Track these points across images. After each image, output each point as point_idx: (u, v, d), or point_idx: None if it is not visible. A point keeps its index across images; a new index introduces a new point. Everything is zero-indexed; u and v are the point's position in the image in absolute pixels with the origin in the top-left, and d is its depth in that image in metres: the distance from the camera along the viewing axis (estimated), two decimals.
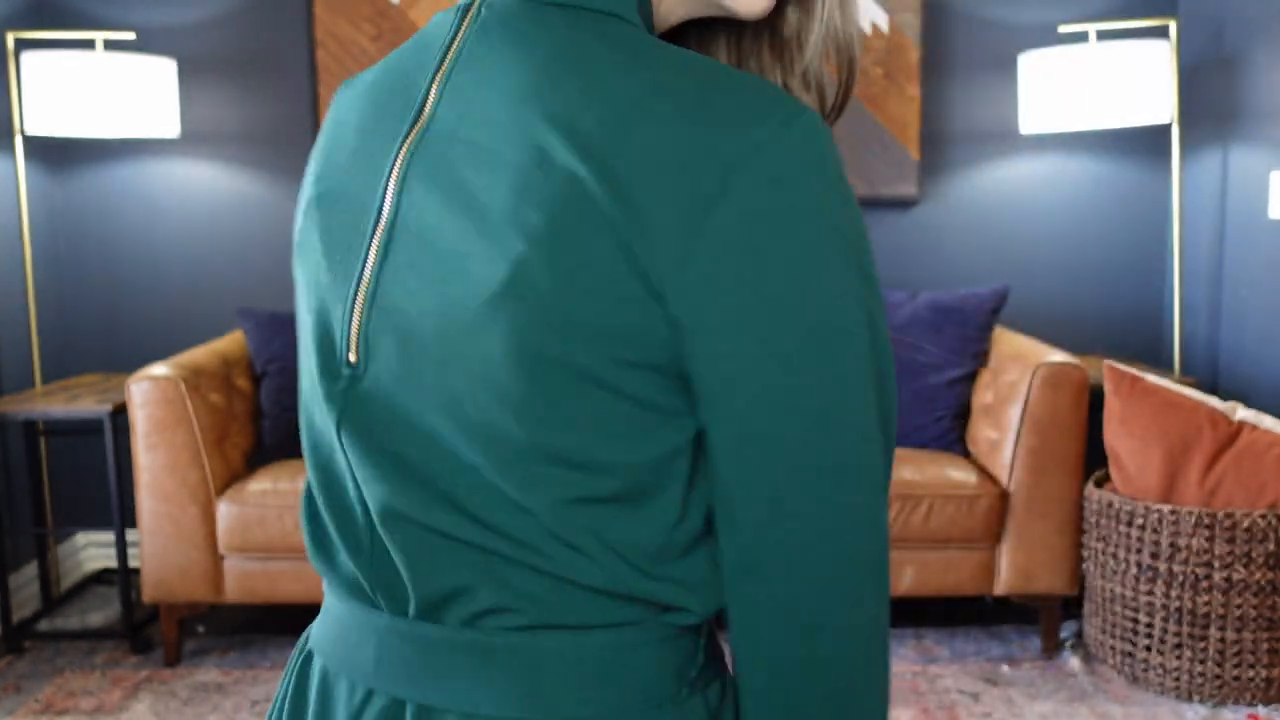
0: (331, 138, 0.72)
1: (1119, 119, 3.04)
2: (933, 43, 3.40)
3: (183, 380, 2.76)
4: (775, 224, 0.58)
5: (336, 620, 0.71)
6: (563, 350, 0.59)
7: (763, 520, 0.61)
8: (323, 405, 0.67)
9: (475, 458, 0.62)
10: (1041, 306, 3.47)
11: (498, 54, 0.64)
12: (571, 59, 0.62)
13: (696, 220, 0.57)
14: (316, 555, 0.72)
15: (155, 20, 3.40)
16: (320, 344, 0.67)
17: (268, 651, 2.93)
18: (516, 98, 0.62)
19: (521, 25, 0.64)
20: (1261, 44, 2.95)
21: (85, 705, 2.64)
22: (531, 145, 0.60)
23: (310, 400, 0.69)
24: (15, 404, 2.92)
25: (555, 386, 0.60)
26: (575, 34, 0.63)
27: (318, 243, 0.69)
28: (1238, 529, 2.44)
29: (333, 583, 0.71)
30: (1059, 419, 2.72)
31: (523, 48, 0.63)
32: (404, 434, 0.64)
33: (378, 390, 0.64)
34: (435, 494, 0.63)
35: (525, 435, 0.60)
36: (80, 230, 3.49)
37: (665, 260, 0.58)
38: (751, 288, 0.58)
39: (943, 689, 2.64)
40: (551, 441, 0.61)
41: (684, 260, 0.57)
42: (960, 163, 3.45)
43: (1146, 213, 3.45)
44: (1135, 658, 2.60)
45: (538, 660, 0.64)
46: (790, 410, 0.59)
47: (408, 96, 0.67)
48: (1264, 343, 2.97)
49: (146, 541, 2.81)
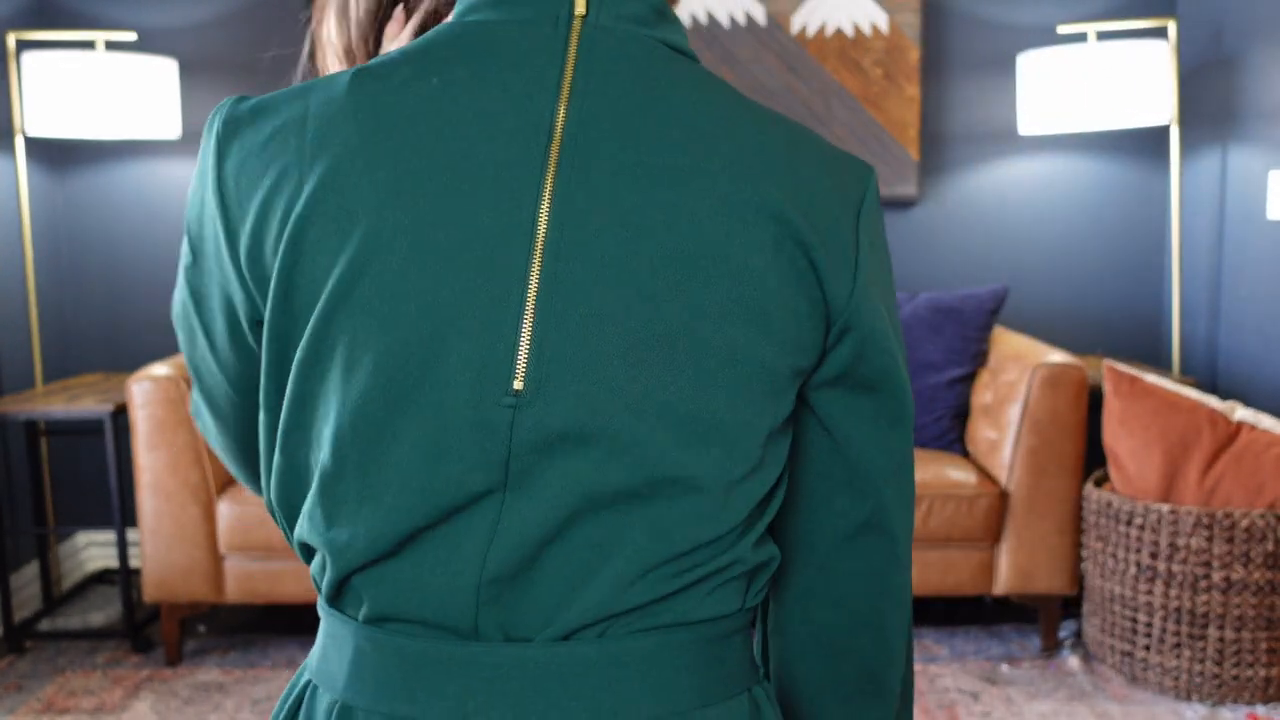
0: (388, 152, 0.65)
1: (1118, 120, 3.04)
2: (932, 43, 3.40)
3: (183, 380, 2.77)
4: (882, 248, 0.73)
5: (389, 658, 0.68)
6: (771, 360, 0.67)
7: (890, 475, 0.74)
8: (447, 438, 0.64)
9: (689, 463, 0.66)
10: (1041, 307, 3.47)
11: (633, 83, 0.68)
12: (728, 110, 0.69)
13: (850, 258, 0.70)
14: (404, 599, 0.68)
15: (156, 21, 3.40)
16: (449, 375, 0.64)
17: (268, 651, 2.94)
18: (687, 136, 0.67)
19: (642, 55, 0.69)
20: (1261, 44, 2.96)
21: (86, 705, 2.64)
22: (743, 199, 0.67)
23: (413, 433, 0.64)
24: (16, 404, 2.93)
25: (756, 389, 0.67)
26: (699, 76, 0.70)
27: (411, 270, 0.64)
28: (1236, 529, 2.44)
29: (405, 623, 0.68)
30: (1058, 419, 2.72)
31: (663, 81, 0.68)
32: (588, 466, 0.64)
33: (551, 417, 0.64)
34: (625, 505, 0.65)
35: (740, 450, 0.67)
36: (81, 231, 3.50)
37: (839, 290, 0.69)
38: (886, 304, 0.72)
39: (942, 688, 2.65)
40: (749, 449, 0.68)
41: (850, 289, 0.69)
42: (959, 163, 3.45)
43: (1145, 213, 3.45)
44: (1134, 657, 2.61)
45: (656, 660, 0.68)
46: (905, 381, 0.73)
47: (520, 112, 0.66)
48: (1263, 343, 2.97)
49: (147, 541, 2.81)
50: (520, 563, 0.65)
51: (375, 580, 0.67)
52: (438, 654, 0.67)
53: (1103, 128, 3.12)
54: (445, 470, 0.64)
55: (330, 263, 0.64)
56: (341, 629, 0.70)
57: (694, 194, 0.65)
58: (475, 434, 0.64)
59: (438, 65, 0.67)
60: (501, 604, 0.66)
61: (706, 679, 0.70)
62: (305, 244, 0.65)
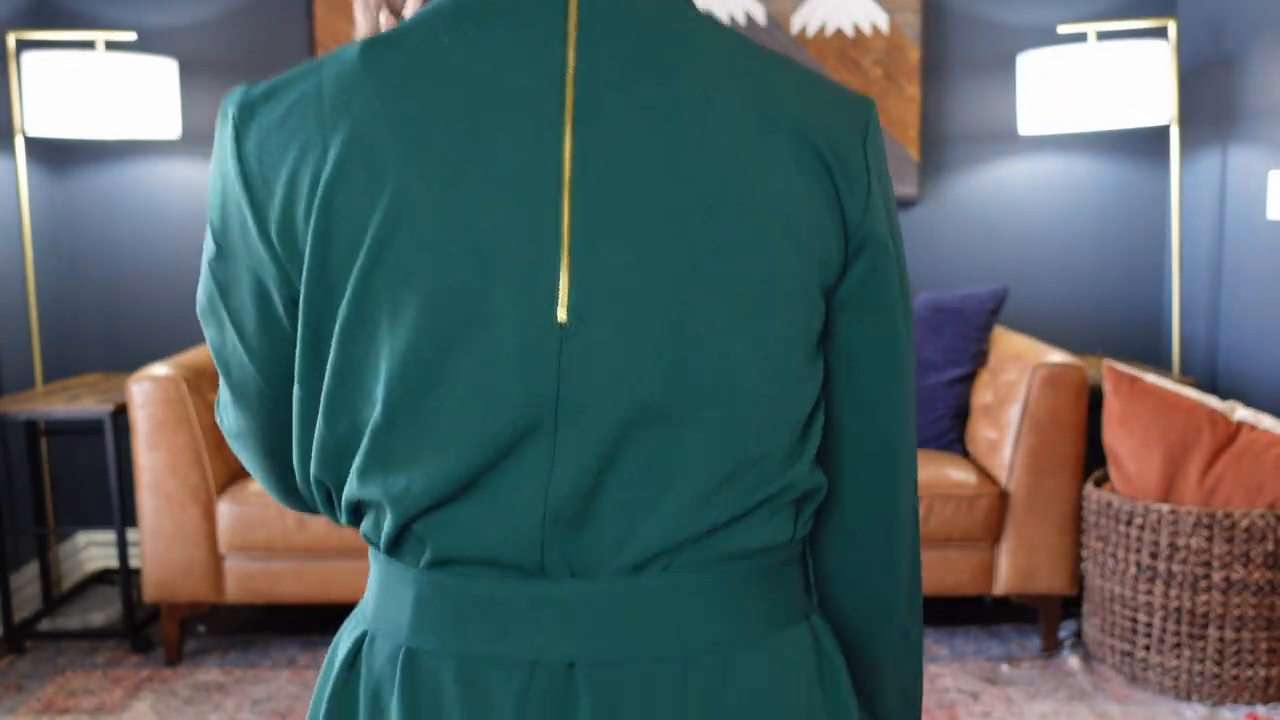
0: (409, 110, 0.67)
1: (1118, 120, 3.04)
2: (932, 43, 3.40)
3: (184, 380, 2.77)
4: (888, 179, 0.76)
5: (454, 600, 0.69)
6: (801, 273, 0.69)
7: (901, 398, 0.76)
8: (500, 373, 0.66)
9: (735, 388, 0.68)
10: (1041, 307, 3.47)
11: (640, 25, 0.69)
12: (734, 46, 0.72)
13: (863, 180, 0.72)
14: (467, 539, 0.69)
15: (156, 21, 3.40)
16: (492, 306, 0.65)
17: (269, 651, 2.94)
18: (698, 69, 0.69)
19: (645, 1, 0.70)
20: (1261, 44, 2.95)
21: (86, 705, 2.64)
22: (760, 120, 0.69)
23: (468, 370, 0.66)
24: (16, 404, 2.93)
25: (791, 303, 0.69)
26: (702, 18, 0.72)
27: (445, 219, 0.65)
28: (1236, 529, 2.44)
29: (469, 565, 0.69)
30: (1058, 419, 2.72)
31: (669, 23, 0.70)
32: (636, 381, 0.66)
33: (596, 345, 0.66)
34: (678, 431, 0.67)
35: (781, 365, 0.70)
36: (81, 231, 3.50)
37: (854, 209, 0.72)
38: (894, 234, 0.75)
39: (942, 688, 2.65)
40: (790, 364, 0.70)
41: (864, 210, 0.72)
42: (959, 163, 3.45)
43: (1145, 213, 3.45)
44: (1134, 657, 2.61)
45: (720, 591, 0.70)
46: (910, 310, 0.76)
47: (532, 61, 0.67)
48: (1263, 343, 2.97)
49: (147, 541, 2.81)
50: (582, 494, 0.67)
51: (437, 525, 0.68)
52: (504, 593, 0.68)
53: (1103, 128, 3.12)
54: (497, 407, 0.66)
55: (364, 223, 0.65)
56: (401, 576, 0.71)
57: (712, 120, 0.67)
58: (524, 368, 0.66)
59: (446, 27, 0.69)
60: (567, 539, 0.67)
61: (768, 608, 0.72)
62: (336, 208, 0.66)
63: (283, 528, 2.77)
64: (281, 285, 0.70)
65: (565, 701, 0.68)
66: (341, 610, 3.16)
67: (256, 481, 2.83)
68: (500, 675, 0.68)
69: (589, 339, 0.65)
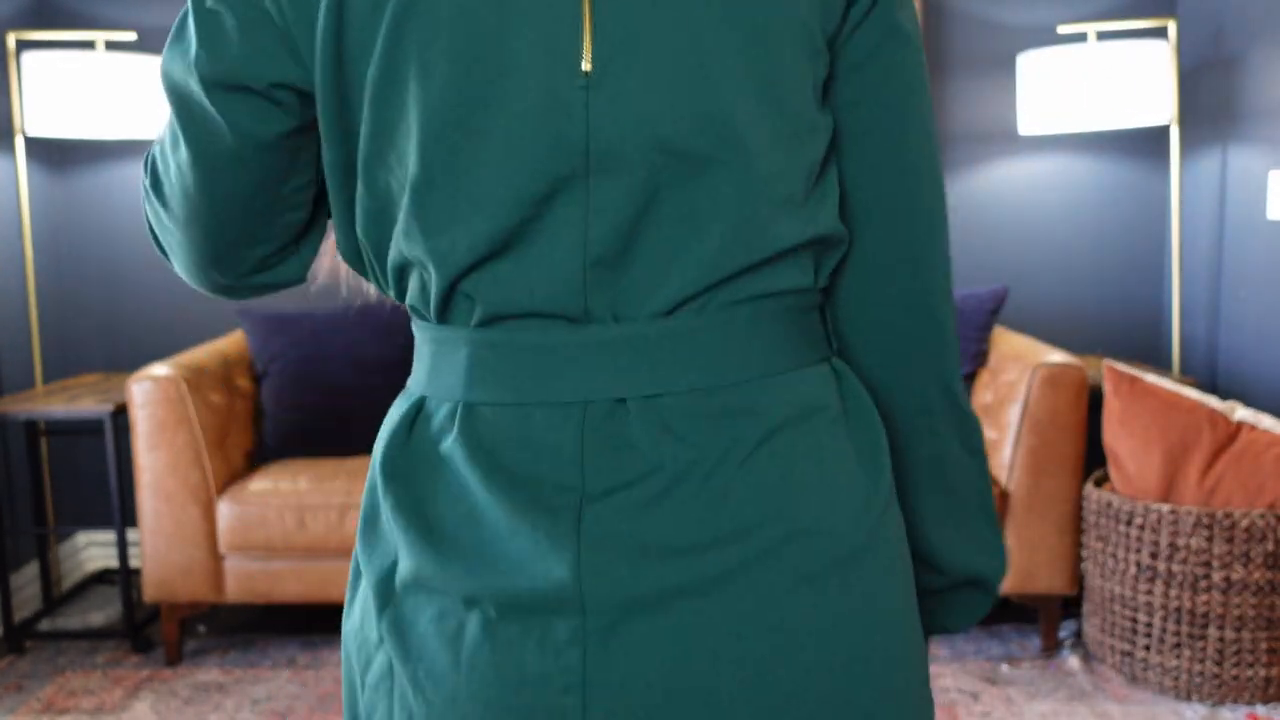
0: None
1: (1118, 120, 3.04)
2: (932, 43, 3.40)
3: (184, 380, 2.77)
4: None
5: (505, 355, 0.73)
6: (808, 19, 0.72)
7: (924, 139, 0.79)
8: (530, 125, 0.68)
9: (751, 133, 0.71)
10: (1041, 306, 3.47)
11: None
12: None
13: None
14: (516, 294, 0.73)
15: (156, 20, 3.40)
16: (519, 57, 0.68)
17: (268, 651, 2.94)
18: None
19: None
20: (1261, 44, 2.95)
21: (86, 705, 2.64)
22: None
23: (499, 126, 0.69)
24: (16, 404, 2.93)
25: (799, 49, 0.73)
26: None
27: None
28: (1237, 529, 2.44)
29: (519, 319, 0.73)
30: (1058, 419, 2.72)
31: None
32: (662, 127, 0.69)
33: (622, 94, 0.69)
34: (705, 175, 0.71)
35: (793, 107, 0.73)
36: (81, 230, 3.49)
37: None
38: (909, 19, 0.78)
39: (942, 688, 2.65)
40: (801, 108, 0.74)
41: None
42: (959, 163, 3.45)
43: (1145, 213, 3.45)
44: (1134, 657, 2.61)
45: (754, 325, 0.75)
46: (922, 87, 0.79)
47: None
48: (1263, 343, 2.97)
49: (147, 541, 2.81)
50: (620, 241, 0.71)
51: (484, 282, 0.72)
52: (554, 342, 0.72)
53: (1103, 128, 3.12)
54: (530, 159, 0.69)
55: None
56: (453, 339, 0.75)
57: None
58: (554, 118, 0.68)
59: None
60: (608, 285, 0.72)
61: (795, 345, 0.77)
62: None
63: (283, 528, 2.77)
64: (267, 43, 0.71)
65: (618, 434, 0.72)
66: (341, 610, 3.16)
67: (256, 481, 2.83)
68: (557, 417, 0.72)
69: (614, 87, 0.68)
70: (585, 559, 0.70)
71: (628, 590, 0.70)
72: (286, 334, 3.10)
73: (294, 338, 3.10)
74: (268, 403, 3.05)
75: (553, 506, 0.71)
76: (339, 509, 2.77)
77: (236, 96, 0.72)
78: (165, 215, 0.81)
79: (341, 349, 3.11)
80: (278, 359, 3.08)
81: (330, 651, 2.92)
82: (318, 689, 2.71)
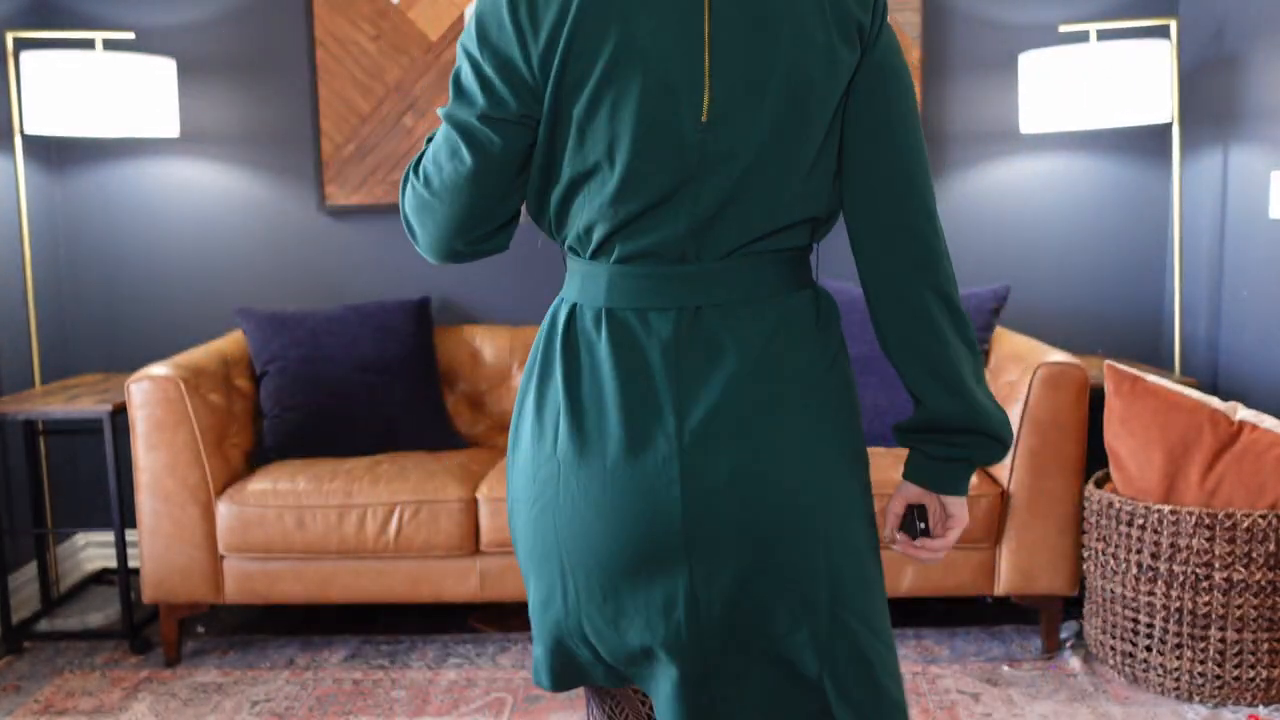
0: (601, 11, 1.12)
1: (1119, 119, 3.04)
2: (933, 42, 3.40)
3: (182, 380, 2.76)
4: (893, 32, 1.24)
5: (633, 279, 1.19)
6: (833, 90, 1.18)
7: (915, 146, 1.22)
8: (679, 144, 1.14)
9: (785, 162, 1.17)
10: (1041, 306, 3.47)
11: None
12: None
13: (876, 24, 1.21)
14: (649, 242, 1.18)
15: (154, 20, 3.40)
16: (676, 106, 1.13)
17: (267, 652, 2.93)
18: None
19: None
20: (1262, 44, 2.95)
21: (85, 705, 2.64)
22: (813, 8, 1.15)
23: (660, 146, 1.14)
24: (15, 404, 2.92)
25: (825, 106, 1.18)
26: None
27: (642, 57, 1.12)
28: (1238, 529, 2.44)
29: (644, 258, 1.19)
30: (1059, 419, 2.72)
31: None
32: (740, 156, 1.15)
33: (724, 133, 1.14)
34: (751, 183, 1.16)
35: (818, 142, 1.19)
36: (80, 230, 3.49)
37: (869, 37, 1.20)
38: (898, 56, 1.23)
39: (943, 689, 2.64)
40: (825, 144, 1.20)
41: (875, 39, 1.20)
42: (960, 162, 3.45)
43: (1147, 212, 3.45)
44: (1135, 658, 2.60)
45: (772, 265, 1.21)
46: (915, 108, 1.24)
47: None
48: (1264, 343, 2.97)
49: (146, 541, 2.81)
50: (710, 218, 1.17)
51: (626, 237, 1.18)
52: (660, 273, 1.19)
53: (1104, 127, 3.11)
54: (669, 170, 1.15)
55: (597, 52, 1.12)
56: (598, 270, 1.21)
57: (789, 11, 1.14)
58: (682, 147, 1.14)
59: None
60: (696, 241, 1.18)
61: (791, 279, 1.23)
62: (575, 46, 1.12)
63: (282, 528, 2.76)
64: (522, 92, 1.16)
65: (696, 325, 1.18)
66: (341, 611, 3.16)
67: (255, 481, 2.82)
68: (662, 316, 1.18)
69: (717, 135, 1.14)
70: (680, 403, 1.17)
71: (703, 424, 1.16)
72: (286, 334, 3.10)
73: (293, 338, 3.09)
74: (267, 403, 3.04)
75: (658, 389, 1.17)
76: (338, 509, 2.76)
77: (506, 124, 1.17)
78: (434, 202, 1.22)
79: (340, 349, 3.11)
80: (277, 359, 3.07)
81: (330, 652, 2.92)
82: (316, 690, 2.70)
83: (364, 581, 2.81)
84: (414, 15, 3.38)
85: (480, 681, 2.73)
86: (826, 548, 1.18)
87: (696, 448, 1.16)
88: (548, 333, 1.25)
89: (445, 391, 3.32)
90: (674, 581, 1.16)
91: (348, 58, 3.40)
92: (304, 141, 3.44)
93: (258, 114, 3.44)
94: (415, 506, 2.77)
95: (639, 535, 1.15)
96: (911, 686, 2.66)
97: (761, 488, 1.16)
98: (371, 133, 3.42)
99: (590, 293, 1.21)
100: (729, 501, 1.16)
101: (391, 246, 3.48)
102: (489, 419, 3.32)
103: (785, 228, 1.19)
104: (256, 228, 3.49)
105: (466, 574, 2.81)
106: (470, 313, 3.51)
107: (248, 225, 3.49)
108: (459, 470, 2.88)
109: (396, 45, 3.38)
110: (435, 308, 3.47)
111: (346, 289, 3.48)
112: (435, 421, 3.17)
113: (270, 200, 3.48)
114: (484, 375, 3.35)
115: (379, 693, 2.68)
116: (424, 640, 2.99)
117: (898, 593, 2.79)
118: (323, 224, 3.49)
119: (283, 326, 3.11)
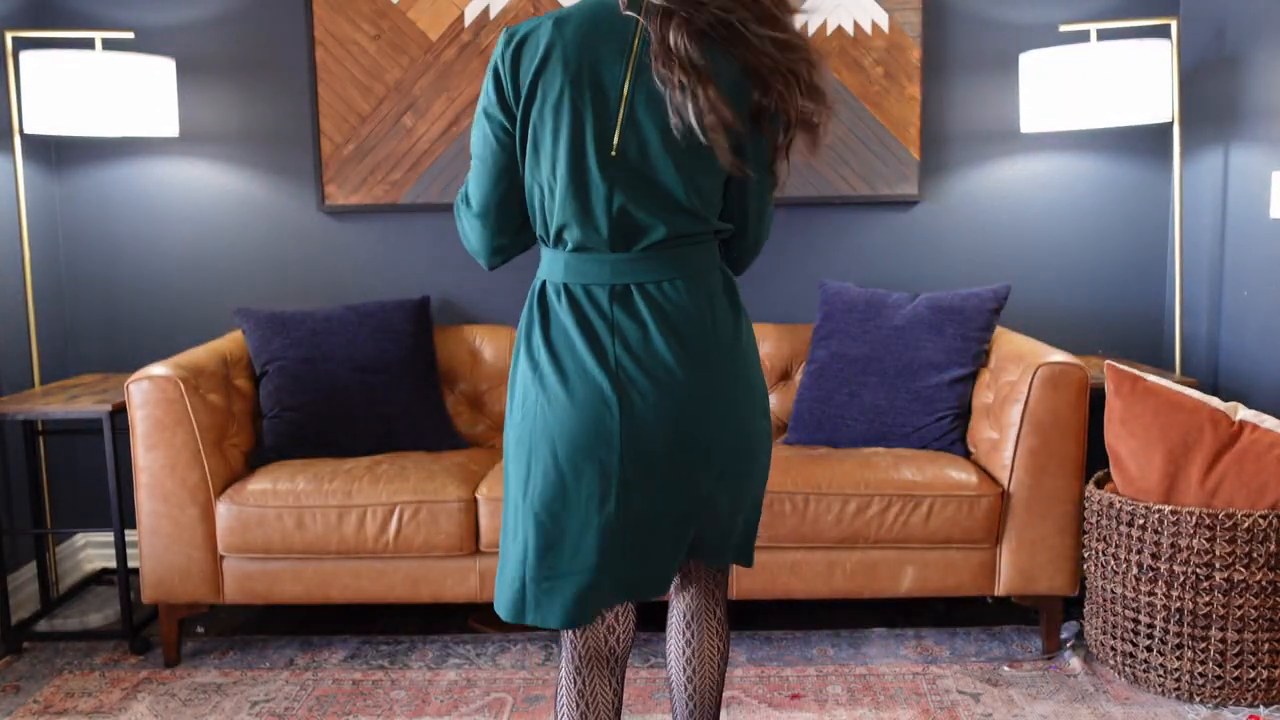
0: (565, 50, 1.55)
1: (1120, 118, 3.03)
2: (933, 42, 3.39)
3: (182, 380, 2.76)
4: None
5: (580, 264, 1.62)
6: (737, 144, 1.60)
7: (762, 211, 1.74)
8: (597, 171, 1.56)
9: (686, 189, 1.59)
10: (1042, 306, 3.47)
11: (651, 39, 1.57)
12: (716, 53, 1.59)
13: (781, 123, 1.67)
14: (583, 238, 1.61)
15: (154, 20, 3.39)
16: (596, 144, 1.55)
17: (267, 652, 2.93)
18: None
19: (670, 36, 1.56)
20: (1262, 44, 2.95)
21: (84, 706, 2.63)
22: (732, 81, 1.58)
23: (584, 170, 1.56)
24: (15, 404, 2.92)
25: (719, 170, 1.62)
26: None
27: (585, 99, 1.55)
28: (1239, 529, 2.43)
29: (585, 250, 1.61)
30: (1059, 419, 2.72)
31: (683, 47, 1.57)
32: (644, 181, 1.58)
33: (628, 164, 1.56)
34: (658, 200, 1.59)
35: (715, 182, 1.63)
36: (79, 230, 3.49)
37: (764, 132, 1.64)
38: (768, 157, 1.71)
39: (943, 689, 2.64)
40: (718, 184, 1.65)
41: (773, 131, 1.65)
42: (961, 162, 3.45)
43: (1147, 212, 3.44)
44: (1136, 658, 2.60)
45: (688, 256, 1.64)
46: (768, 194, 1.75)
47: (622, 42, 1.56)
48: (1264, 343, 2.96)
49: (146, 542, 2.80)
50: (633, 219, 1.58)
51: (570, 235, 1.60)
52: (599, 259, 1.61)
53: (1104, 126, 3.11)
54: (592, 185, 1.57)
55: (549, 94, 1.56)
56: (557, 256, 1.63)
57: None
58: (602, 171, 1.56)
59: (581, 19, 1.58)
60: (626, 238, 1.59)
61: (707, 263, 1.66)
62: (539, 88, 1.56)
63: (281, 528, 2.76)
64: (509, 123, 1.61)
65: (628, 300, 1.61)
66: (340, 611, 3.16)
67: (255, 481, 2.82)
68: (602, 291, 1.61)
69: (625, 163, 1.56)
70: (616, 363, 1.60)
71: (630, 375, 1.60)
72: (285, 334, 3.09)
73: (292, 338, 3.09)
74: (266, 403, 3.04)
75: (600, 337, 1.60)
76: (337, 510, 2.76)
77: (502, 140, 1.62)
78: (473, 216, 1.70)
79: (340, 349, 3.11)
80: (276, 359, 3.07)
81: (329, 653, 2.92)
82: (316, 690, 2.70)
83: (364, 582, 2.81)
84: (414, 15, 3.38)
85: (480, 682, 2.73)
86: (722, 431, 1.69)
87: (622, 376, 1.61)
88: (530, 300, 1.69)
89: (445, 391, 3.32)
90: (610, 453, 1.61)
91: (347, 58, 3.39)
92: (303, 141, 3.43)
93: (257, 114, 3.44)
94: (415, 507, 2.76)
95: (590, 427, 1.60)
96: (912, 686, 2.66)
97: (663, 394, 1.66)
98: (371, 133, 3.41)
99: (554, 272, 1.65)
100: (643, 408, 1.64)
101: (391, 246, 3.47)
102: (489, 419, 3.32)
103: (695, 234, 1.64)
104: (256, 228, 3.49)
105: (466, 574, 2.81)
106: (470, 313, 3.51)
107: (247, 225, 3.49)
108: (459, 470, 2.88)
109: (396, 45, 3.38)
110: (435, 308, 3.46)
111: (346, 289, 3.48)
112: (435, 421, 3.17)
113: (270, 200, 3.47)
114: (484, 375, 3.34)
115: (379, 693, 2.68)
116: (424, 640, 2.98)
117: (898, 593, 2.79)
118: (322, 224, 3.49)
119: (282, 326, 3.11)
